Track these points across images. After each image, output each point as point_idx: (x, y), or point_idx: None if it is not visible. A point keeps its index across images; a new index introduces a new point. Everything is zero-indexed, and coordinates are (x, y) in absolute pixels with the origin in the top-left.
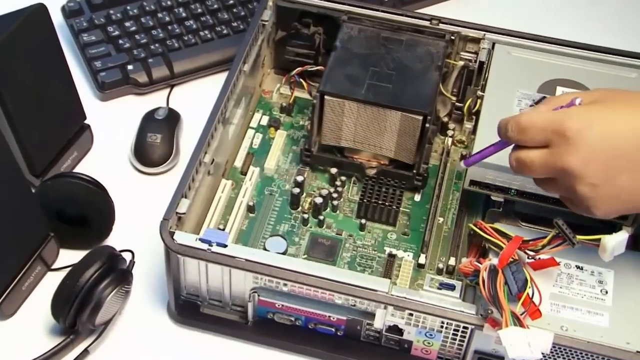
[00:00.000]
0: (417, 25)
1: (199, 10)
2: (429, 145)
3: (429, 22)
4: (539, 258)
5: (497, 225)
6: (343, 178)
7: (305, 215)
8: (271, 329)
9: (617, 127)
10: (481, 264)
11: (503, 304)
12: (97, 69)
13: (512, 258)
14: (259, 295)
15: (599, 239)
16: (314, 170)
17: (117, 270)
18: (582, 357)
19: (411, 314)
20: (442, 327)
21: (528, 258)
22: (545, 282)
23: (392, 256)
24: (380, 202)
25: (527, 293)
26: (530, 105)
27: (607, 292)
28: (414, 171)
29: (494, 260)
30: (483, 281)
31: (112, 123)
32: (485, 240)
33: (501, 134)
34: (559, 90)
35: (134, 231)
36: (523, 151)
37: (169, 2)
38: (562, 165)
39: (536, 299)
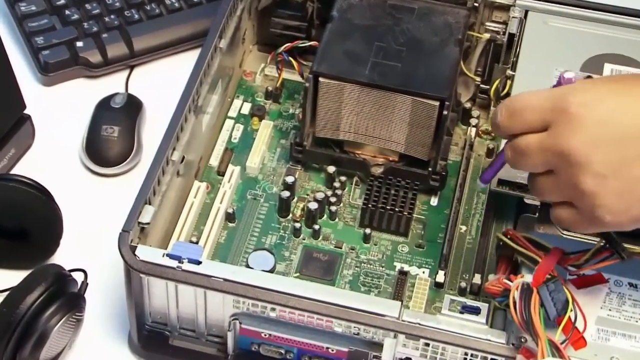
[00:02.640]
0: None
1: None
2: (447, 137)
3: None
4: (583, 274)
5: (531, 235)
6: (343, 178)
7: (297, 225)
8: None
9: (633, 104)
10: (512, 282)
11: (539, 330)
12: (38, 46)
13: (550, 275)
14: (241, 323)
15: None
16: (307, 169)
17: (66, 295)
18: None
19: (427, 344)
20: (465, 359)
21: (570, 275)
22: (590, 303)
23: (403, 273)
24: (388, 207)
25: (569, 317)
26: None
27: None
28: (430, 169)
29: (528, 278)
30: (515, 303)
31: (57, 113)
32: (517, 253)
33: (492, 125)
34: (607, 68)
35: (87, 246)
36: (518, 137)
37: None
38: (561, 149)
39: (580, 325)
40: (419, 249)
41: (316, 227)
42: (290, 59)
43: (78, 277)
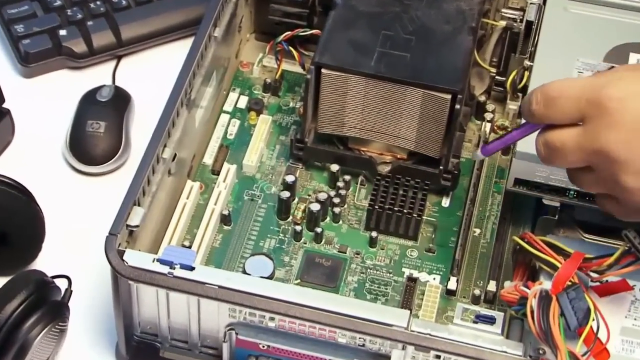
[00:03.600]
0: None
1: None
2: (460, 132)
3: None
4: (606, 281)
5: (550, 238)
6: (347, 178)
7: (298, 228)
8: None
9: None
10: (530, 289)
11: (558, 341)
12: (18, 34)
13: (571, 281)
14: (237, 334)
15: None
16: (309, 167)
17: (48, 303)
18: None
19: (438, 356)
20: None
21: (592, 281)
22: (614, 312)
23: (412, 280)
24: (396, 208)
25: (591, 327)
26: None
27: None
28: (441, 167)
29: (547, 285)
30: (532, 312)
31: (39, 107)
32: (535, 258)
33: (525, 111)
34: (633, 58)
35: (71, 251)
36: (553, 131)
37: None
38: (599, 146)
39: (602, 335)
40: (429, 254)
41: (318, 230)
42: (291, 48)
43: (61, 284)
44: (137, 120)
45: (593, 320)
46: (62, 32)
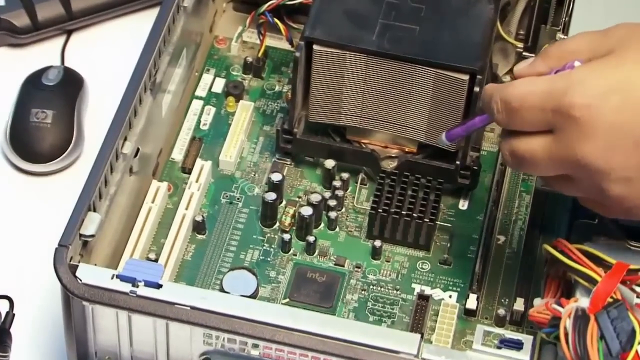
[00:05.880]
0: None
1: None
2: None
3: None
4: None
5: (588, 247)
6: (345, 175)
7: (286, 236)
8: None
9: (637, 92)
10: (564, 307)
11: None
12: None
13: (613, 297)
14: None
15: None
16: (299, 163)
17: None
18: None
19: None
20: None
21: (638, 297)
22: None
23: (424, 298)
24: (404, 212)
25: (636, 352)
26: None
27: None
28: (458, 162)
29: (584, 302)
30: (567, 334)
31: None
32: (569, 270)
33: (487, 113)
34: None
35: (12, 266)
36: (519, 139)
37: None
38: (576, 159)
39: None
40: (444, 267)
41: (311, 239)
42: (276, 21)
43: (2, 306)
44: (91, 108)
45: (639, 344)
46: (0, 3)
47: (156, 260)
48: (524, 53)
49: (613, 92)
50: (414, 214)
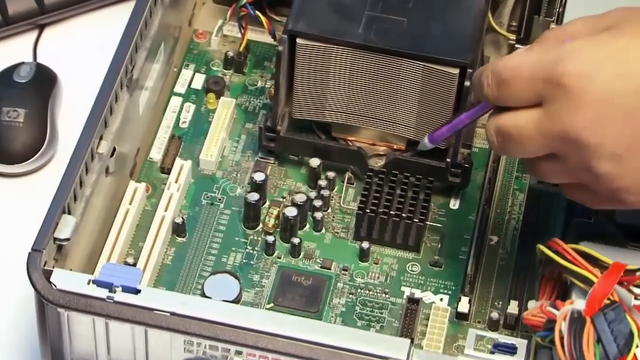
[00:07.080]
0: None
1: None
2: None
3: None
4: None
5: (584, 246)
6: (330, 175)
7: (270, 238)
8: None
9: (634, 65)
10: (559, 309)
11: None
12: None
13: (610, 299)
14: None
15: None
16: (283, 162)
17: None
18: None
19: None
20: None
21: (635, 298)
22: None
23: (414, 301)
24: (392, 212)
25: (634, 355)
26: None
27: None
28: (448, 160)
29: (579, 304)
30: (562, 338)
31: None
32: (565, 271)
33: (477, 92)
34: None
35: None
36: (507, 115)
37: None
38: (564, 131)
39: None
40: (434, 269)
41: (295, 241)
42: (258, 13)
43: None
44: (65, 106)
45: (637, 347)
46: None
47: (134, 265)
48: (516, 45)
49: (608, 62)
50: (403, 214)
